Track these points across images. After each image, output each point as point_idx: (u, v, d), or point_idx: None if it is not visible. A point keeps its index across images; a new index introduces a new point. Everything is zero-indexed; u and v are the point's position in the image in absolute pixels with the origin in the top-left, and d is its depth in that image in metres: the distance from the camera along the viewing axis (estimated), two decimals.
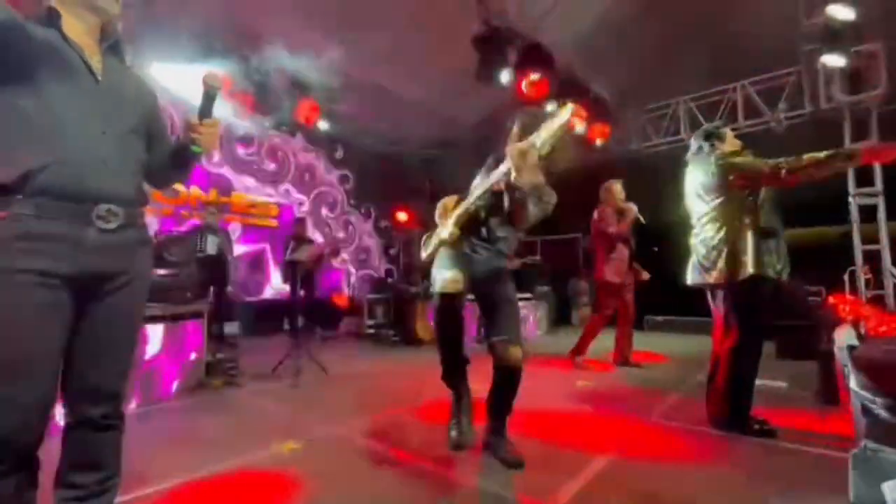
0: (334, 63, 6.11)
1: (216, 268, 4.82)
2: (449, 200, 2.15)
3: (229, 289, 5.04)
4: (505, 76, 5.12)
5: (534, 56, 5.22)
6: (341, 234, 8.14)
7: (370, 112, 7.02)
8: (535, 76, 5.22)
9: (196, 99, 1.27)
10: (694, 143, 2.61)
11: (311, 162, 7.74)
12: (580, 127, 6.40)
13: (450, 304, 2.10)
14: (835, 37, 5.02)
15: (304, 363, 3.79)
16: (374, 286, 7.04)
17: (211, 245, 4.80)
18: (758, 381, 2.39)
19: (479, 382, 2.19)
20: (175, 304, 3.48)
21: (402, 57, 6.09)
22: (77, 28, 1.15)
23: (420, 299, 5.72)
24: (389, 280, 7.34)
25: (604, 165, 7.83)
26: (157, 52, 4.48)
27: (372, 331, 6.17)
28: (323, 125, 6.12)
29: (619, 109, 6.77)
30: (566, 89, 6.02)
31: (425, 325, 5.57)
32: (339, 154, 8.05)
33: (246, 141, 6.73)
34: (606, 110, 6.57)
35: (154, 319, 3.25)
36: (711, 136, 2.52)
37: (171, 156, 1.34)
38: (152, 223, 5.70)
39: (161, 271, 3.63)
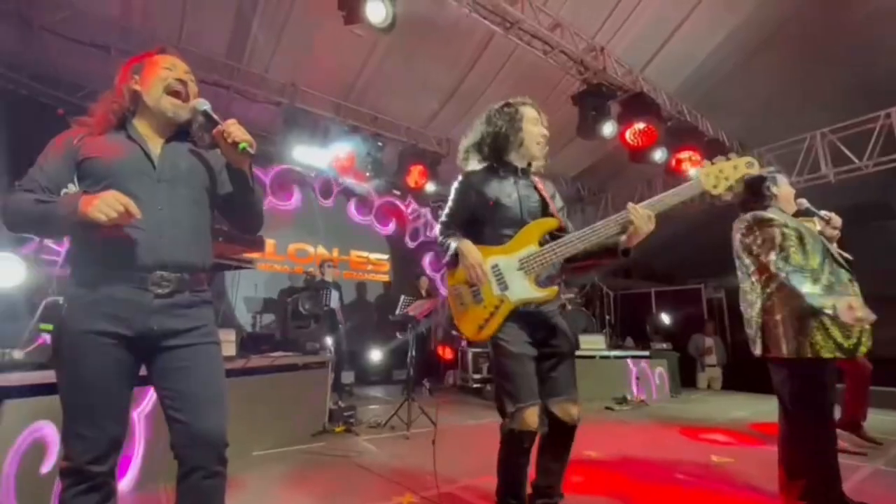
0: (442, 131, 6.69)
1: (336, 320, 5.30)
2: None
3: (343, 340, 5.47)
4: (608, 129, 5.11)
5: (637, 105, 5.15)
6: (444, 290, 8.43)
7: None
8: (640, 125, 5.12)
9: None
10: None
11: (419, 221, 8.29)
12: (692, 171, 6.02)
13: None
14: None
15: (415, 416, 3.89)
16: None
17: (333, 299, 5.31)
18: None
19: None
20: (304, 354, 3.88)
21: None
22: (145, 127, 1.38)
23: None
24: None
25: (726, 210, 7.17)
26: (298, 138, 5.32)
27: (478, 385, 6.14)
28: (430, 187, 6.57)
29: (741, 150, 6.26)
30: (677, 135, 5.78)
31: None
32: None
33: (361, 205, 7.48)
34: (724, 152, 6.11)
35: (288, 368, 3.65)
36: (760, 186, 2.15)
37: (233, 186, 1.44)
38: (284, 280, 6.51)
39: (296, 323, 4.11)
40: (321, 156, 5.68)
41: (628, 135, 5.17)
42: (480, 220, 1.83)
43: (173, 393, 1.26)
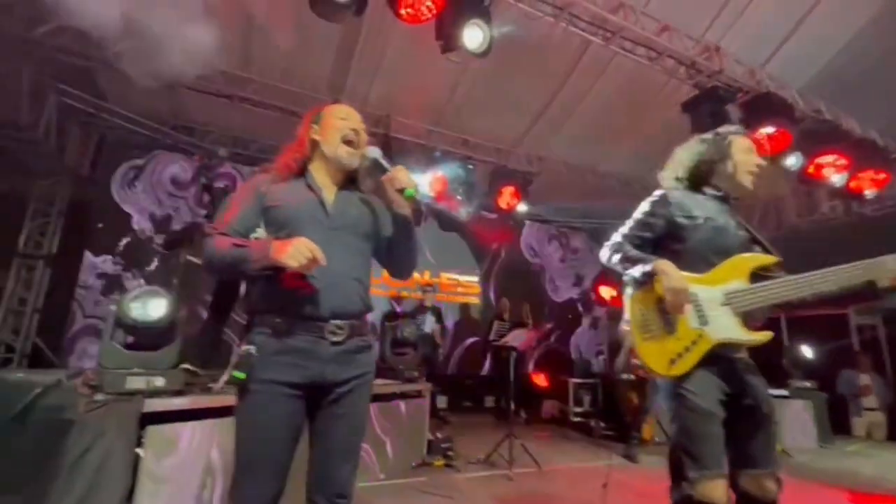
0: (533, 149, 6.49)
1: (432, 346, 5.25)
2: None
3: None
4: None
5: (763, 107, 4.51)
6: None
7: (565, 189, 7.08)
8: (768, 129, 4.47)
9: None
10: None
11: (510, 241, 8.09)
12: (836, 178, 5.12)
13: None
14: None
15: (516, 451, 3.64)
16: (575, 367, 6.61)
17: (429, 324, 5.28)
18: None
19: None
20: (403, 382, 3.83)
21: (601, 133, 6.07)
22: (321, 174, 1.43)
23: (634, 389, 5.06)
24: (597, 361, 6.79)
25: (880, 221, 6.03)
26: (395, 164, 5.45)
27: (579, 419, 5.68)
28: (522, 207, 6.38)
29: None
30: (815, 137, 4.99)
31: (649, 423, 4.84)
32: (534, 232, 8.24)
33: (452, 227, 7.49)
34: (877, 153, 5.14)
35: (388, 397, 3.61)
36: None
37: (395, 232, 1.46)
38: (384, 305, 6.65)
39: (395, 350, 4.10)
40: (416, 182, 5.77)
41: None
42: (678, 241, 1.62)
43: (321, 437, 1.30)
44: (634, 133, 5.94)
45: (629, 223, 1.71)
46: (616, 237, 1.70)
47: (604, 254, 1.71)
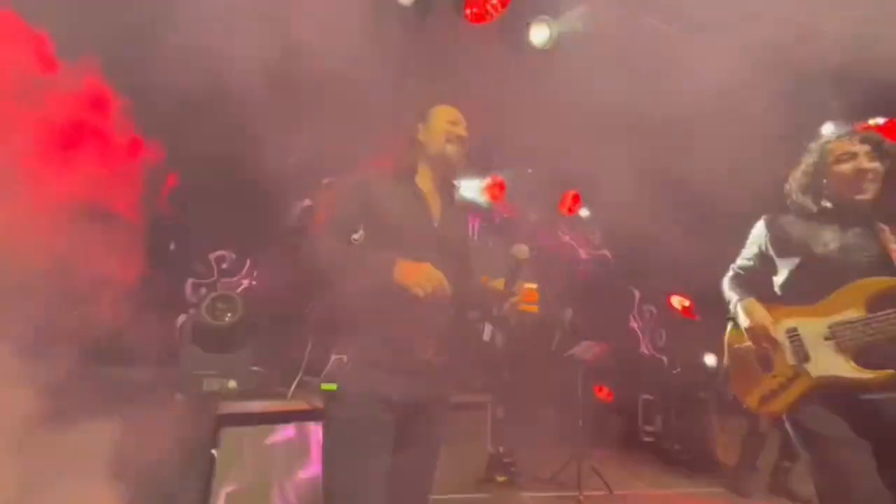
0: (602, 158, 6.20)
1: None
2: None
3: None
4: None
5: None
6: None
7: (630, 194, 6.70)
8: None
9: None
10: None
11: (570, 247, 7.79)
12: None
13: None
14: None
15: (584, 472, 3.40)
16: (642, 380, 6.15)
17: (486, 332, 5.14)
18: None
19: None
20: (461, 392, 3.72)
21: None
22: (426, 179, 1.38)
23: (712, 408, 4.63)
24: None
25: None
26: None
27: (650, 439, 5.28)
28: (584, 212, 6.14)
29: None
30: None
31: (727, 445, 4.40)
32: (597, 238, 7.88)
33: (510, 233, 7.32)
34: None
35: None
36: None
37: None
38: None
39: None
40: (473, 187, 5.70)
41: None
42: (783, 271, 1.55)
43: (400, 457, 1.27)
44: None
45: (743, 253, 1.70)
46: (736, 267, 1.73)
47: (723, 284, 1.72)
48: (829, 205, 1.51)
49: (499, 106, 5.53)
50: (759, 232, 1.63)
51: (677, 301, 7.00)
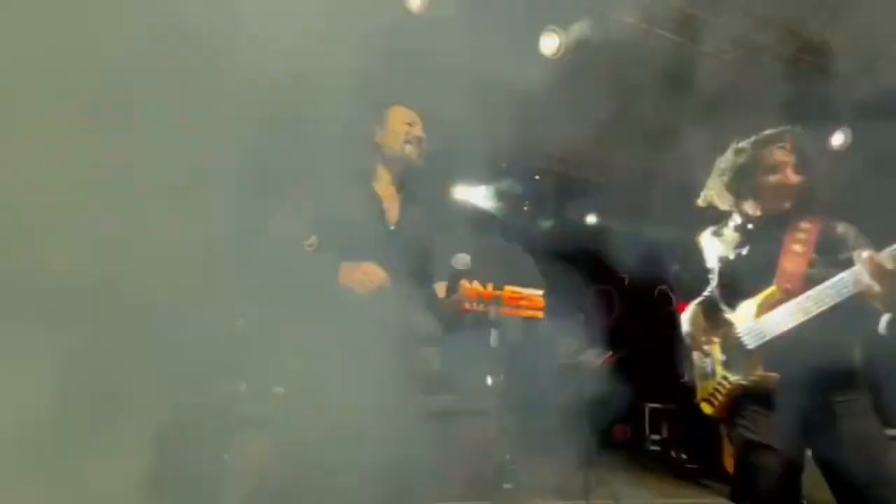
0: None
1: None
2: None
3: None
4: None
5: None
6: None
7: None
8: None
9: None
10: None
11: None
12: None
13: None
14: None
15: (592, 483, 3.37)
16: (651, 388, 6.08)
17: (493, 338, 5.12)
18: None
19: None
20: (462, 399, 3.70)
21: None
22: (383, 184, 1.37)
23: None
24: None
25: None
26: (459, 176, 5.44)
27: (657, 448, 5.22)
28: (591, 219, 6.14)
29: None
30: None
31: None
32: None
33: (516, 237, 7.30)
34: None
35: (445, 415, 3.47)
36: None
37: None
38: None
39: None
40: (477, 192, 5.71)
41: None
42: (713, 281, 1.61)
43: None
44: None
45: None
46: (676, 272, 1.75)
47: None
48: (750, 211, 1.51)
49: None
50: (698, 244, 1.67)
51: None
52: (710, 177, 1.61)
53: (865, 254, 1.07)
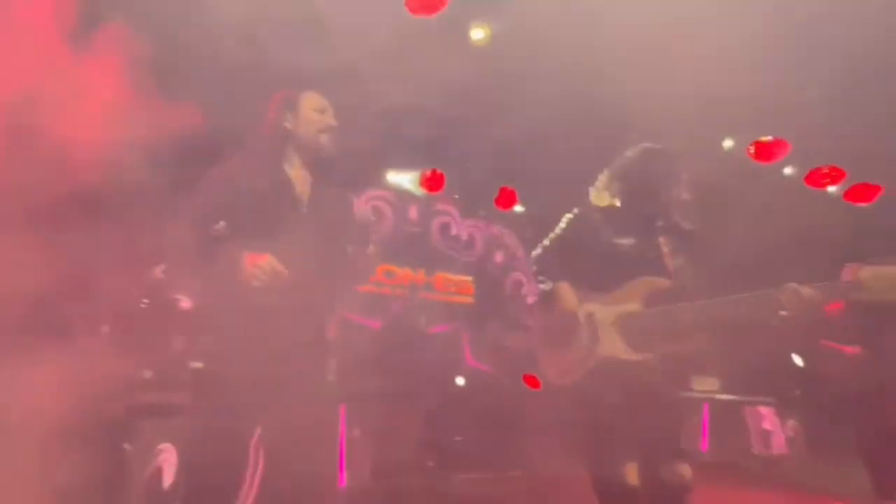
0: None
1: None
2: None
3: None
4: None
5: None
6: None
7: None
8: None
9: None
10: None
11: (504, 242, 8.02)
12: None
13: None
14: None
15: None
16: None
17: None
18: None
19: None
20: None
21: None
22: (295, 162, 1.39)
23: None
24: None
25: None
26: (390, 163, 5.42)
27: None
28: (519, 208, 6.35)
29: None
30: None
31: None
32: (528, 234, 8.20)
33: (446, 225, 7.40)
34: None
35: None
36: None
37: None
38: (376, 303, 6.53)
39: None
40: (407, 177, 5.73)
41: None
42: (588, 260, 1.70)
43: None
44: None
45: (554, 234, 1.81)
46: (546, 244, 1.82)
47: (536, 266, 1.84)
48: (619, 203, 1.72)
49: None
50: (575, 220, 1.79)
51: None
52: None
53: None
